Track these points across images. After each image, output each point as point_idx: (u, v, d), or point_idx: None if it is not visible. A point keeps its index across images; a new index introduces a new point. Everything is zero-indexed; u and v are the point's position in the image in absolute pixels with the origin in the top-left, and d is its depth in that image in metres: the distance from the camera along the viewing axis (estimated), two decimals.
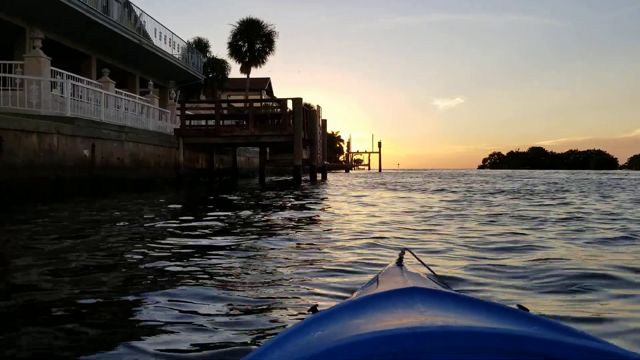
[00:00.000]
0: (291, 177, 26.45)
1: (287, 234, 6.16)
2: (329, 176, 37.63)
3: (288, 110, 21.24)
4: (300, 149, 20.98)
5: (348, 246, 5.16)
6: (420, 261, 1.75)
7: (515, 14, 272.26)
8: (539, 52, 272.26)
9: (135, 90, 24.65)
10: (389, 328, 0.77)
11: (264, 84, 51.89)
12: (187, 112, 21.74)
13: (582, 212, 9.10)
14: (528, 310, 1.05)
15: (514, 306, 1.07)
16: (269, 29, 38.12)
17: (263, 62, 38.10)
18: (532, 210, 9.48)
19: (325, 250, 4.96)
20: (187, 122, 21.53)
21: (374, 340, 0.73)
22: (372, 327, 0.84)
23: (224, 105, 24.35)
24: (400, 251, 1.70)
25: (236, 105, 24.43)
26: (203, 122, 23.17)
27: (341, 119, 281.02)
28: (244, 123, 21.55)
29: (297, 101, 21.02)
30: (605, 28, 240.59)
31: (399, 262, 1.61)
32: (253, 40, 37.73)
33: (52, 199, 11.05)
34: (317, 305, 1.31)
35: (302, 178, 24.50)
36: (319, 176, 30.79)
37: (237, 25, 38.12)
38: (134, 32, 21.53)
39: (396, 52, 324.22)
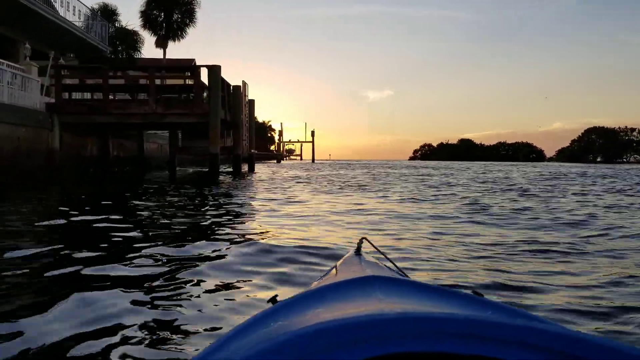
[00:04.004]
0: None
1: None
2: (258, 167, 32.72)
3: (202, 82, 16.47)
4: (218, 133, 16.14)
5: None
6: (378, 250, 1.74)
7: (441, 8, 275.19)
8: (464, 46, 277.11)
9: (19, 60, 19.27)
10: (348, 316, 0.76)
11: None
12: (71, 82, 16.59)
13: None
14: (483, 295, 1.04)
15: (469, 292, 1.06)
16: None
17: (182, 36, 32.98)
18: None
19: None
20: (68, 95, 16.37)
21: (333, 329, 0.72)
22: (331, 315, 0.83)
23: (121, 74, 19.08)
24: (358, 240, 1.65)
25: (135, 75, 19.10)
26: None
27: (273, 109, 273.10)
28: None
29: (213, 70, 16.14)
30: (524, 25, 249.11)
31: (358, 251, 1.59)
32: (170, 9, 32.44)
33: None
34: (276, 295, 1.18)
35: (224, 170, 20.06)
36: (245, 167, 26.30)
37: None
38: None
39: (327, 41, 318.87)
